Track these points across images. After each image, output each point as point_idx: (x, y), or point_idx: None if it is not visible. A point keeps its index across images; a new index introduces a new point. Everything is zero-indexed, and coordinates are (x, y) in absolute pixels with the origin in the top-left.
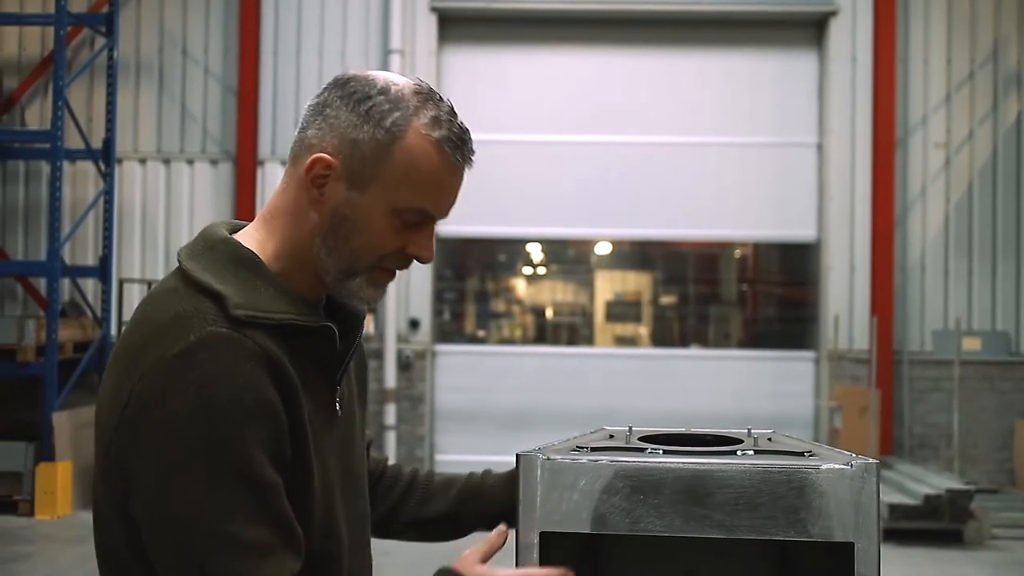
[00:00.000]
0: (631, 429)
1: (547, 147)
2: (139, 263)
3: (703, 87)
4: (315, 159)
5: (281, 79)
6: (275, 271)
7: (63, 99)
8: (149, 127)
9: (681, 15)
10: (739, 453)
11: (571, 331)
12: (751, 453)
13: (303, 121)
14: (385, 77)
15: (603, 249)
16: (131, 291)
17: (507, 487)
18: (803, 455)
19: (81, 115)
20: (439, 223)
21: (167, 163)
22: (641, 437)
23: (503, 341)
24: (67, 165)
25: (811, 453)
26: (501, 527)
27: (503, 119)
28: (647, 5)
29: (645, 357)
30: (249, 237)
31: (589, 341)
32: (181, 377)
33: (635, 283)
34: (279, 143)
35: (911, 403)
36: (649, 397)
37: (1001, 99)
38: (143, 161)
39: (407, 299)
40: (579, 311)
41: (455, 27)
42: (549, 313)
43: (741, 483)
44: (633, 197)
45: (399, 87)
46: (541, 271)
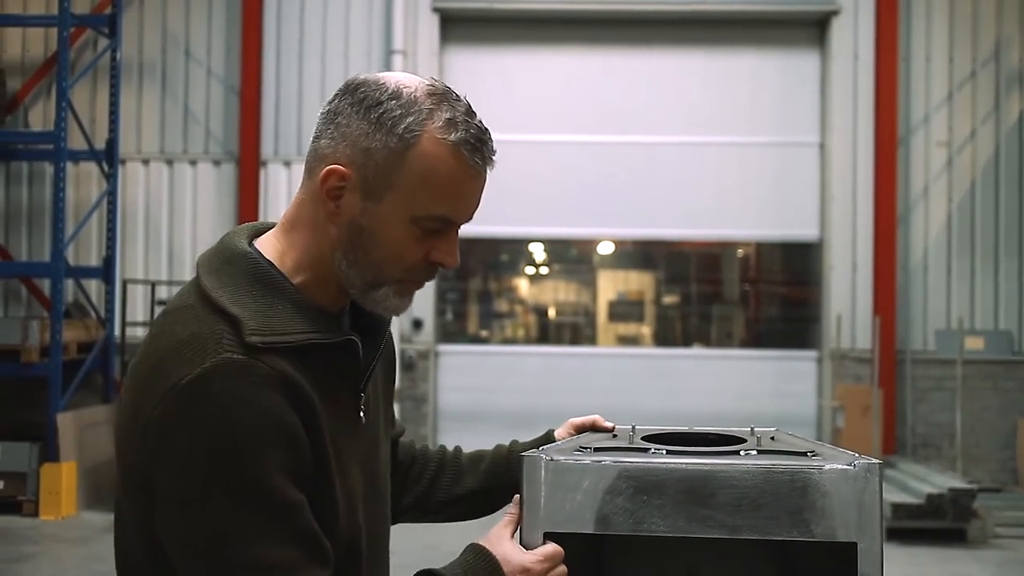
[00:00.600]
0: (634, 428)
1: (549, 147)
2: (142, 264)
3: (705, 87)
4: (329, 171)
5: (284, 79)
6: (296, 283)
7: (66, 100)
8: (152, 128)
9: (683, 15)
10: (742, 453)
11: (574, 331)
12: (754, 453)
13: (316, 130)
14: (396, 80)
15: (606, 249)
16: (134, 292)
17: None
18: (806, 455)
19: (84, 116)
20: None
21: (170, 164)
22: (644, 436)
23: (506, 341)
24: (70, 166)
25: (814, 453)
26: (517, 497)
27: (505, 119)
28: (648, 5)
29: (648, 357)
30: (270, 247)
31: (592, 341)
32: (198, 406)
33: (638, 283)
34: (282, 144)
35: (914, 402)
36: (652, 397)
37: (1003, 98)
38: (146, 162)
39: None
40: (582, 311)
41: (457, 27)
42: (552, 313)
43: (744, 483)
44: (635, 197)
45: (411, 90)
46: (544, 271)
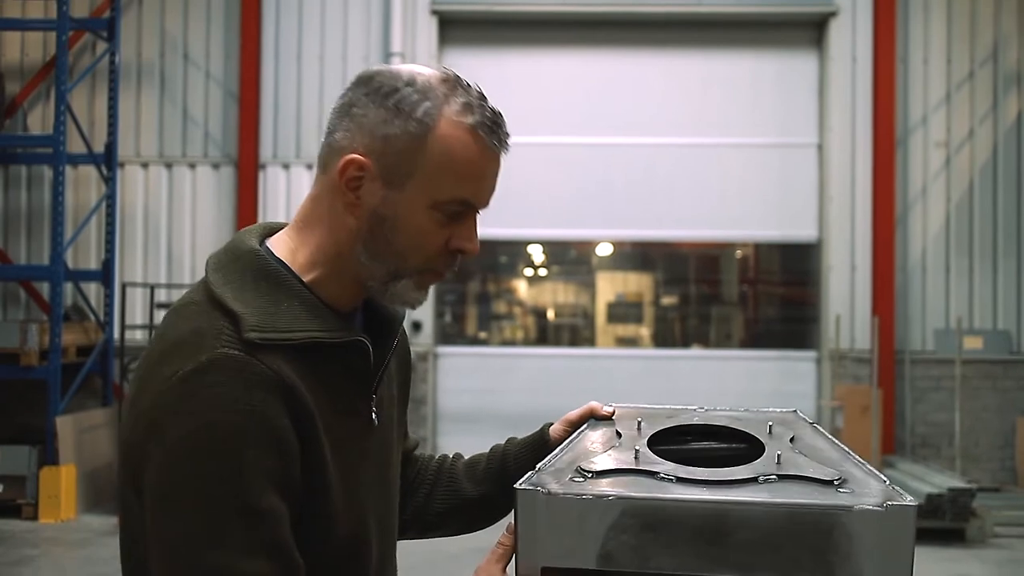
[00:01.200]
0: (640, 426)
1: (548, 149)
2: (141, 267)
3: (703, 88)
4: (348, 161)
5: (282, 82)
6: (308, 281)
7: (65, 104)
8: (151, 131)
9: (681, 17)
10: (760, 479)
11: (573, 332)
12: (774, 478)
13: (329, 126)
14: (410, 69)
15: (604, 250)
16: (133, 295)
17: (531, 456)
18: (832, 484)
19: (83, 120)
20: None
21: (169, 167)
22: (653, 435)
23: (505, 343)
24: (69, 169)
25: (841, 480)
26: (510, 525)
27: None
28: (648, 7)
29: (647, 358)
30: (282, 244)
31: (591, 342)
32: (187, 400)
33: (636, 284)
34: (280, 146)
35: (913, 402)
36: (651, 398)
37: (1001, 98)
38: (145, 165)
39: None
40: (580, 312)
41: (456, 29)
42: (551, 314)
43: (763, 523)
44: (634, 198)
45: (425, 77)
46: (542, 272)
